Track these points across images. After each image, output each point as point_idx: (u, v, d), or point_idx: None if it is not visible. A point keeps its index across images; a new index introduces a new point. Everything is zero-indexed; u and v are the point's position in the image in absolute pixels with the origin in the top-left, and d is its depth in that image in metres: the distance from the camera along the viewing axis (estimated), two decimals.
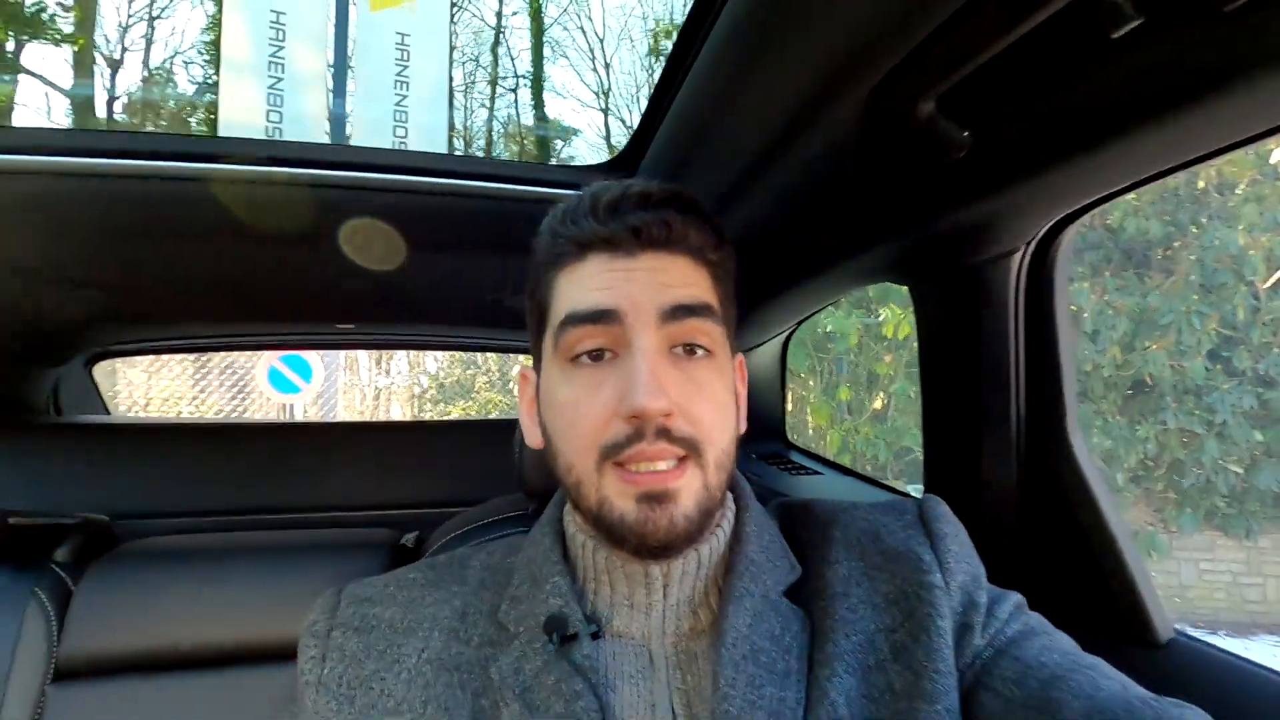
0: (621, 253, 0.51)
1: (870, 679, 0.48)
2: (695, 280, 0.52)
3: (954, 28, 0.48)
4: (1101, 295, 4.76)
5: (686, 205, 0.53)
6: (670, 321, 0.49)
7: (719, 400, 0.51)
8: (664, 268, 0.51)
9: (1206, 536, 5.17)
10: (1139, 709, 0.42)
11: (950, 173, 0.63)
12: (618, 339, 0.50)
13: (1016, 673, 0.47)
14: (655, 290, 0.50)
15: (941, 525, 0.54)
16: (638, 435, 0.47)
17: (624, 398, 0.47)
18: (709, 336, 0.51)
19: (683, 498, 0.48)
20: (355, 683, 0.51)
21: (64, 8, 7.58)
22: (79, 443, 1.39)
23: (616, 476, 0.49)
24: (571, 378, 0.51)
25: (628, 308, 0.49)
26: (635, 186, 0.53)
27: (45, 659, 0.93)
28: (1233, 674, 0.64)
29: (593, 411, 0.49)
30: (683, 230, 0.51)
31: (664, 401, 0.47)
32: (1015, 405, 0.78)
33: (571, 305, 0.51)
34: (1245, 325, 4.59)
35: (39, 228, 0.94)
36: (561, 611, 0.51)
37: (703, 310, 0.51)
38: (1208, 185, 4.69)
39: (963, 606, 0.50)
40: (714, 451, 0.50)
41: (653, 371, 0.47)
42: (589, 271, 0.51)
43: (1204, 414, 4.73)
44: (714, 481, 0.50)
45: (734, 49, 0.60)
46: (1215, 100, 0.44)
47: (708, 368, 0.51)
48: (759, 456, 1.52)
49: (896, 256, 0.86)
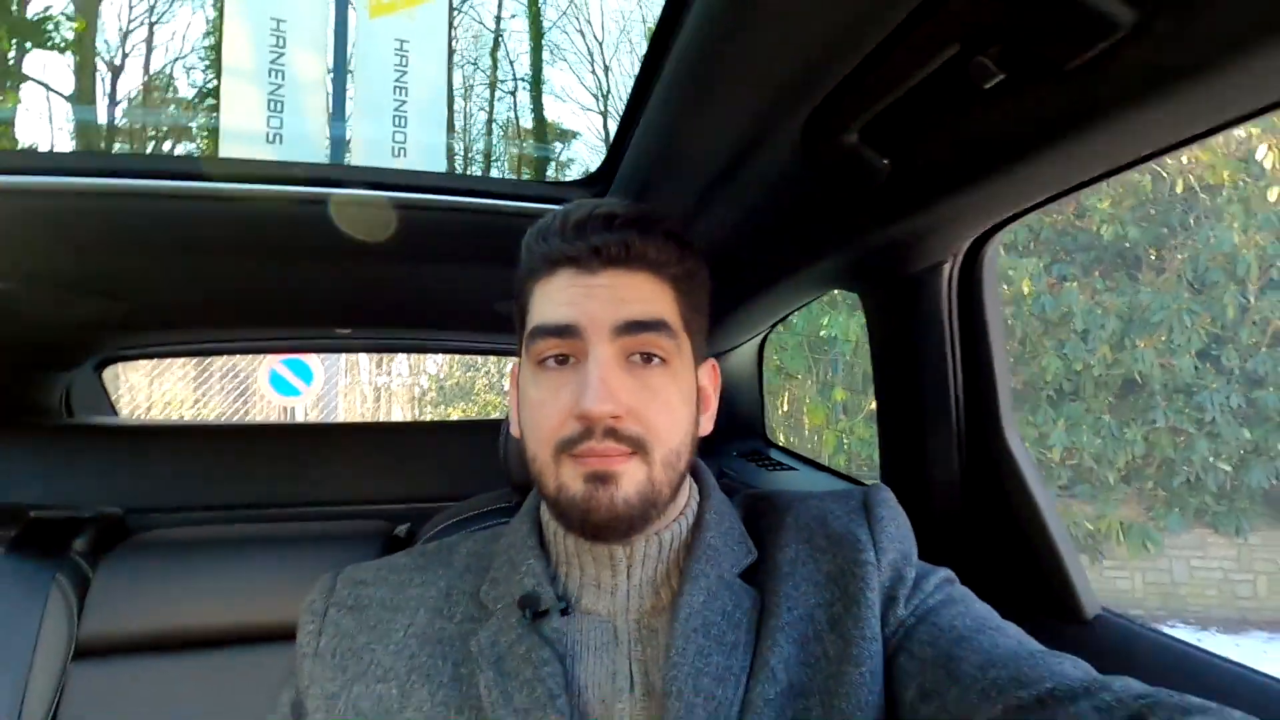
0: (584, 270, 0.56)
1: (808, 648, 0.53)
2: (653, 296, 0.56)
3: (867, 71, 0.55)
4: (1091, 295, 4.81)
5: (649, 225, 0.57)
6: (625, 335, 0.54)
7: (671, 404, 0.56)
8: (622, 284, 0.55)
9: (1197, 534, 5.17)
10: (1025, 659, 0.47)
11: (877, 194, 0.70)
12: (577, 349, 0.55)
13: (931, 636, 0.52)
14: (612, 306, 0.54)
15: (881, 510, 0.60)
16: (588, 434, 0.53)
17: (577, 401, 0.53)
18: (662, 347, 0.55)
19: (624, 482, 0.53)
20: (348, 654, 0.56)
21: (66, 16, 7.62)
22: (90, 442, 1.46)
23: (571, 464, 0.54)
24: (539, 379, 0.56)
25: (586, 322, 0.54)
26: (602, 208, 0.57)
27: (67, 639, 1.00)
28: (1154, 647, 0.69)
29: (553, 410, 0.54)
30: (641, 249, 0.56)
31: (610, 406, 0.52)
32: (955, 402, 0.84)
33: (540, 318, 0.56)
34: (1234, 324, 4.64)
35: (53, 242, 1.00)
36: (534, 590, 0.56)
37: (656, 325, 0.55)
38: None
39: (890, 581, 0.55)
40: (661, 450, 0.55)
41: (603, 380, 0.52)
42: (556, 286, 0.56)
43: (1193, 412, 4.78)
44: (660, 477, 0.55)
45: (686, 80, 0.65)
46: (1075, 138, 0.51)
47: (661, 375, 0.56)
48: (739, 454, 1.56)
49: (844, 267, 0.92)
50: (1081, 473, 5.10)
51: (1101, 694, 0.42)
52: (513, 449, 0.98)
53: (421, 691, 0.54)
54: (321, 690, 0.56)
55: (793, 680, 0.52)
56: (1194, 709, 0.38)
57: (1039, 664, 0.46)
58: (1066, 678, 0.44)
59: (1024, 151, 0.55)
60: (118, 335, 1.60)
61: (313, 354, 5.10)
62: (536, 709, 0.50)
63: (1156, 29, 0.41)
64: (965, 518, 0.86)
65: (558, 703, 0.50)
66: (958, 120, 0.56)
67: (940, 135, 0.60)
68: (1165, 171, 4.55)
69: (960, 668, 0.48)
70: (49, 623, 1.00)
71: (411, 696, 0.54)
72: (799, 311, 2.10)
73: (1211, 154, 4.32)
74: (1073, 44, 0.43)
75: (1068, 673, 0.45)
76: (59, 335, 1.43)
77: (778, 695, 0.51)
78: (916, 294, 0.83)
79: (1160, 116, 0.47)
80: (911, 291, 0.83)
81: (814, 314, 5.31)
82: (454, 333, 1.77)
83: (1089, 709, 0.41)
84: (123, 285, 1.22)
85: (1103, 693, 0.42)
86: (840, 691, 0.51)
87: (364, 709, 0.54)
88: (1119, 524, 4.91)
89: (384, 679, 0.55)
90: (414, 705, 0.53)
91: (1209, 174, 4.39)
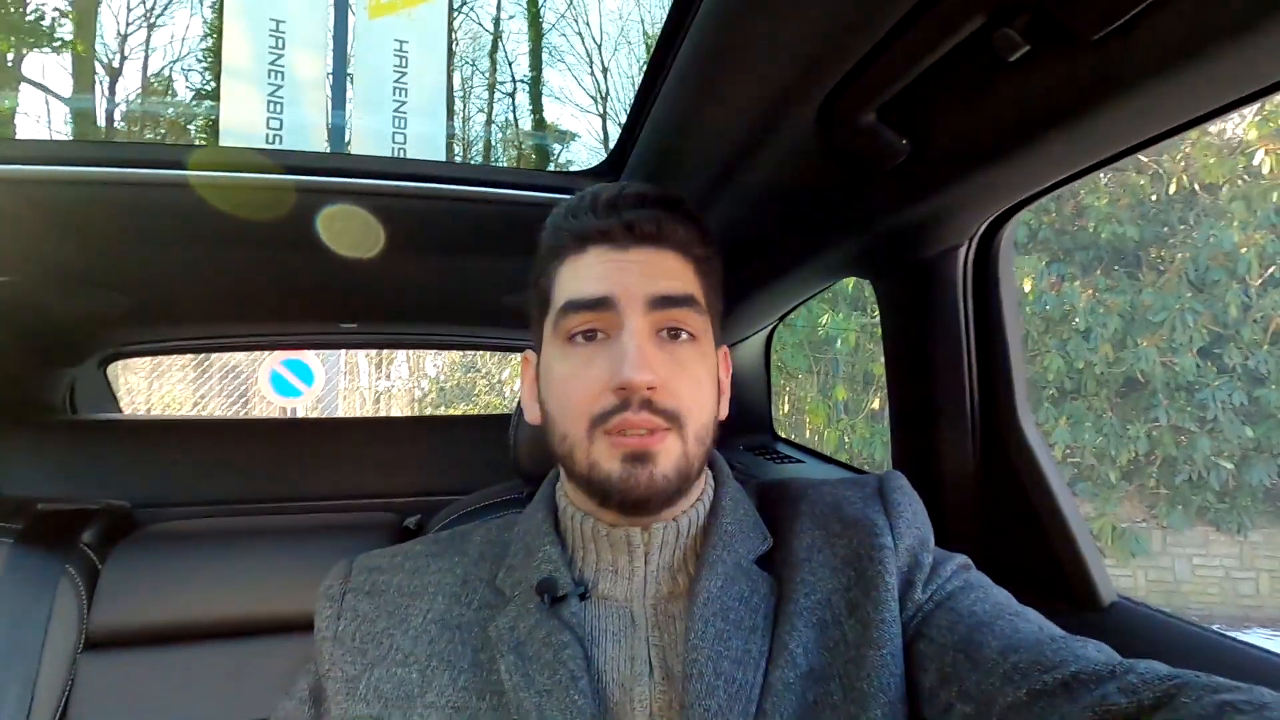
0: (616, 246, 0.56)
1: (827, 632, 0.53)
2: (681, 273, 0.57)
3: (884, 48, 0.55)
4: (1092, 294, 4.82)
5: (675, 205, 0.58)
6: (657, 309, 0.55)
7: (700, 379, 0.57)
8: (653, 261, 0.56)
9: (1200, 532, 5.19)
10: (1047, 644, 0.47)
11: (894, 175, 0.69)
12: (611, 322, 0.55)
13: (950, 621, 0.51)
14: (645, 280, 0.55)
15: (897, 495, 0.59)
16: (624, 405, 0.53)
17: (614, 372, 0.53)
18: (692, 324, 0.57)
19: (662, 460, 0.53)
20: (367, 638, 0.56)
21: (63, 14, 7.62)
22: (98, 438, 1.45)
23: (605, 442, 0.54)
24: (568, 355, 0.56)
25: (620, 294, 0.55)
26: (631, 188, 0.58)
27: (77, 629, 1.00)
28: (1170, 632, 0.69)
29: (585, 384, 0.54)
30: (671, 228, 0.57)
31: (649, 375, 0.52)
32: (970, 388, 0.84)
33: (572, 292, 0.56)
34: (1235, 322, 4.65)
35: (56, 235, 1.00)
36: (552, 575, 0.56)
37: (686, 301, 0.56)
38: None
39: (908, 566, 0.55)
40: (693, 425, 0.55)
41: (640, 349, 0.53)
42: (587, 262, 0.57)
43: (1195, 410, 4.79)
44: (693, 451, 0.55)
45: (699, 68, 0.66)
46: (1099, 111, 0.50)
47: (690, 350, 0.56)
48: (747, 448, 1.57)
49: (857, 253, 0.92)
50: (1083, 470, 5.11)
51: (1127, 676, 0.41)
52: (523, 439, 0.97)
53: (443, 676, 0.54)
54: (342, 673, 0.56)
55: (813, 664, 0.52)
56: (1223, 688, 0.38)
57: (1061, 648, 0.46)
58: (1091, 661, 0.44)
59: (1047, 127, 0.54)
60: (121, 331, 1.59)
61: (313, 357, 5.09)
62: (559, 690, 0.50)
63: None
64: (980, 505, 0.86)
65: (580, 683, 0.50)
66: (981, 95, 0.56)
67: (963, 111, 0.59)
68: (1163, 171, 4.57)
69: (981, 653, 0.48)
70: (59, 613, 0.99)
71: (433, 681, 0.54)
72: (799, 313, 2.09)
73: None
74: (1103, 12, 0.43)
75: (1091, 656, 0.45)
76: (65, 330, 1.43)
77: (798, 679, 0.51)
78: (931, 279, 0.83)
79: (1187, 87, 0.46)
80: (926, 277, 0.83)
81: (814, 314, 5.33)
82: (460, 326, 1.77)
83: (1115, 691, 0.40)
84: (128, 278, 1.22)
85: (1128, 675, 0.41)
86: (862, 674, 0.51)
87: (385, 692, 0.54)
88: (1110, 527, 4.92)
89: (404, 663, 0.55)
90: (435, 690, 0.53)
91: (1204, 173, 4.41)
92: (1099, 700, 0.40)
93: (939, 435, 0.87)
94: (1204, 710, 0.36)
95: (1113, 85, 0.47)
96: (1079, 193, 5.07)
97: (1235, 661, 0.63)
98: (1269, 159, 4.14)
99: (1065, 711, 0.41)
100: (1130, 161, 4.62)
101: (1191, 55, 0.44)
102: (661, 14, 0.69)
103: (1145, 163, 4.88)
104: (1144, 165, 4.91)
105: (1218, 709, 0.36)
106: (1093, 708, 0.40)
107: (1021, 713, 0.43)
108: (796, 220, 0.91)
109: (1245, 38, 0.41)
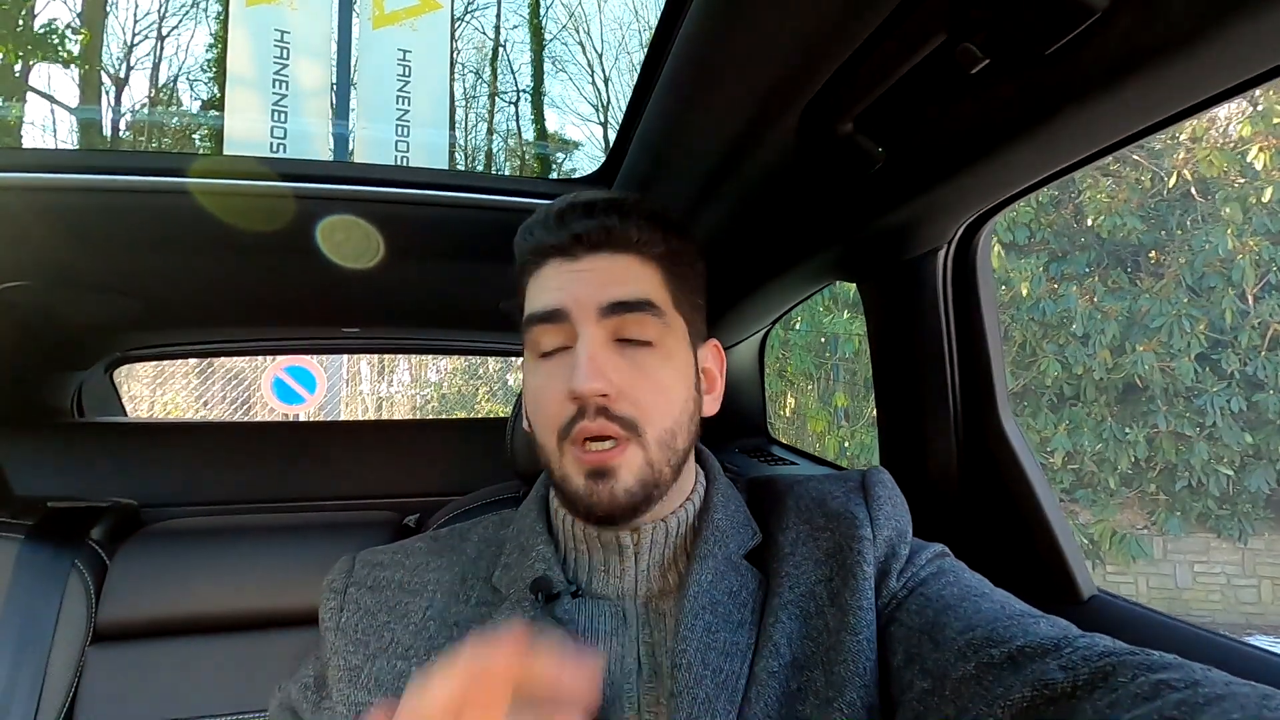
0: (568, 257, 0.57)
1: (810, 623, 0.55)
2: (638, 277, 0.57)
3: (858, 62, 0.58)
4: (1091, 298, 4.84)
5: (628, 209, 0.58)
6: (610, 315, 0.56)
7: (662, 384, 0.57)
8: (605, 268, 0.57)
9: (1200, 539, 5.17)
10: (1003, 620, 0.48)
11: (873, 182, 0.72)
12: (569, 333, 0.56)
13: (919, 606, 0.53)
14: (596, 289, 0.56)
15: (878, 489, 0.61)
16: (581, 414, 0.54)
17: (568, 382, 0.54)
18: (651, 328, 0.57)
19: (623, 473, 0.54)
20: (369, 630, 0.58)
21: (72, 29, 7.70)
22: (105, 439, 1.48)
23: (572, 455, 0.55)
24: (538, 370, 0.58)
25: (572, 305, 0.56)
26: (582, 197, 0.59)
27: (85, 623, 1.02)
28: (1148, 625, 0.70)
29: (550, 397, 0.56)
30: (622, 232, 0.57)
31: (599, 384, 0.53)
32: (952, 387, 0.85)
33: (532, 307, 0.58)
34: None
35: (66, 241, 1.02)
36: (546, 574, 0.57)
37: (641, 305, 0.56)
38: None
39: (885, 556, 0.57)
40: (655, 431, 0.55)
41: (591, 359, 0.54)
42: (545, 275, 0.58)
43: (1194, 416, 4.78)
44: (657, 458, 0.55)
45: (685, 79, 0.68)
46: (1060, 121, 0.53)
47: (651, 355, 0.57)
48: (741, 450, 1.58)
49: (842, 257, 0.94)
50: (1083, 477, 5.10)
51: (1067, 651, 0.42)
52: (519, 440, 1.00)
53: None
54: (344, 662, 0.57)
55: (796, 654, 0.54)
56: (1158, 665, 0.39)
57: (1014, 624, 0.47)
58: (1038, 636, 0.45)
59: (1012, 135, 0.57)
60: (127, 335, 1.62)
61: (315, 364, 5.12)
62: None
63: (1128, 11, 0.43)
64: (962, 501, 0.88)
65: None
66: (948, 106, 0.59)
67: (932, 122, 0.62)
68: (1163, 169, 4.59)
69: (943, 633, 0.49)
70: (68, 608, 1.02)
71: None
72: (803, 319, 2.08)
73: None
74: (1052, 28, 0.46)
75: (1040, 631, 0.46)
76: (74, 334, 1.46)
77: (781, 668, 0.53)
78: (913, 280, 0.85)
79: (1138, 96, 0.49)
80: (908, 278, 0.85)
81: (817, 315, 5.34)
82: (462, 331, 1.79)
83: (1055, 667, 0.42)
84: (135, 284, 1.25)
85: (1069, 650, 0.42)
86: (839, 659, 0.52)
87: (385, 682, 0.55)
88: (1111, 533, 4.91)
89: (404, 656, 0.56)
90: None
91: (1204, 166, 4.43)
92: (1038, 674, 0.42)
93: (923, 431, 0.89)
94: (1139, 690, 0.37)
95: (1071, 96, 0.50)
96: (1079, 193, 5.09)
97: (1213, 653, 0.63)
98: (1261, 155, 4.16)
99: (1009, 684, 0.43)
100: (1131, 162, 4.66)
101: (1140, 66, 0.46)
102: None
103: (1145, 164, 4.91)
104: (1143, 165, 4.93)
105: (1153, 688, 0.37)
106: (1032, 683, 0.42)
107: (970, 685, 0.45)
108: (782, 226, 0.93)
109: (1188, 50, 0.44)
